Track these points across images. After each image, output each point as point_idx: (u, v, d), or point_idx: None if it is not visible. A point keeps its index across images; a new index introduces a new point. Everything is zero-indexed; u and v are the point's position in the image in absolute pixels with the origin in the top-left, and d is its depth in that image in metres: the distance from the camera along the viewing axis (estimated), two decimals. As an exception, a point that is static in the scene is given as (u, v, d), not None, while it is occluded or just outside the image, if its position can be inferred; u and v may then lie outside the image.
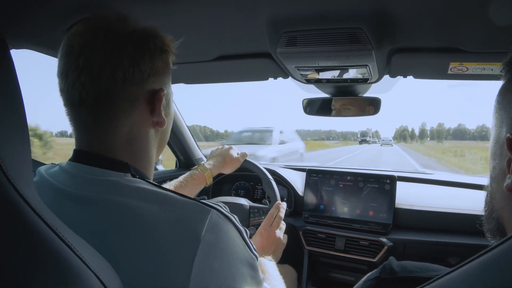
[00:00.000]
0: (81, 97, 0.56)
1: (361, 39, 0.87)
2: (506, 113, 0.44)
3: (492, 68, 0.99)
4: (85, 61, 0.55)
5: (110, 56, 0.56)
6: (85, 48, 0.56)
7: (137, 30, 0.60)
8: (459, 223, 1.36)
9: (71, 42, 0.57)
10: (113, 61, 0.56)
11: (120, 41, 0.57)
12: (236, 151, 1.32)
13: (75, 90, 0.56)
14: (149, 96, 0.61)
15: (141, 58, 0.58)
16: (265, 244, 1.07)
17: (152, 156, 0.66)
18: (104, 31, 0.57)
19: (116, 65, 0.56)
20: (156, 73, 0.61)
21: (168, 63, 0.65)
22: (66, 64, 0.57)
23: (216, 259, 0.52)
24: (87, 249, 0.45)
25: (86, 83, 0.55)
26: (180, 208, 0.54)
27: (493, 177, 0.47)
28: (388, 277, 0.51)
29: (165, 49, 0.63)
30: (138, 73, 0.58)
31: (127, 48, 0.57)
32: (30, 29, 0.89)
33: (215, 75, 1.41)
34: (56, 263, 0.40)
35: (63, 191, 0.56)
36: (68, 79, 0.56)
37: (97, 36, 0.56)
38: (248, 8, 0.83)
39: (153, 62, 0.60)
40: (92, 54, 0.55)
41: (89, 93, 0.55)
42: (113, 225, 0.52)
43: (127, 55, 0.57)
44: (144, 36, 0.60)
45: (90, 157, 0.58)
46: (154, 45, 0.61)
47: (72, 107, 0.58)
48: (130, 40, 0.58)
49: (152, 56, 0.60)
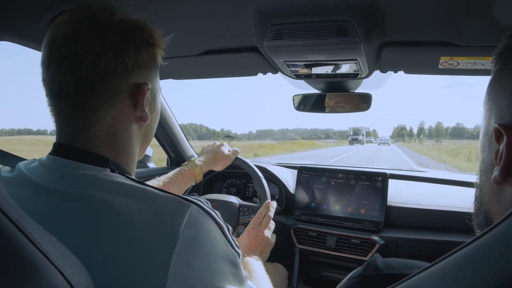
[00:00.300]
0: (62, 87, 0.55)
1: (349, 32, 0.85)
2: (495, 103, 0.43)
3: (483, 63, 0.98)
4: (67, 51, 0.54)
5: (93, 46, 0.54)
6: (68, 37, 0.55)
7: (123, 21, 0.59)
8: (451, 221, 1.35)
9: (55, 31, 0.56)
10: (95, 51, 0.54)
11: (104, 31, 0.56)
12: (228, 148, 1.31)
13: (56, 80, 0.55)
14: (132, 90, 0.59)
15: (126, 50, 0.57)
16: (252, 244, 1.05)
17: (135, 152, 0.65)
18: (89, 21, 0.56)
19: (99, 56, 0.55)
20: (141, 66, 0.60)
21: (154, 57, 0.64)
22: (49, 54, 0.56)
23: (195, 256, 0.50)
24: (55, 246, 0.44)
25: (67, 73, 0.54)
26: (159, 204, 0.53)
27: (482, 170, 0.46)
28: (372, 274, 0.51)
29: (152, 43, 0.62)
30: (121, 65, 0.56)
31: (111, 39, 0.56)
32: (11, 19, 0.87)
33: (203, 70, 1.39)
34: (17, 259, 0.39)
35: (40, 185, 0.54)
36: (50, 68, 0.55)
37: (82, 26, 0.55)
38: (235, 1, 0.81)
39: (138, 54, 0.59)
40: (75, 44, 0.54)
41: (70, 83, 0.54)
42: (89, 220, 0.51)
43: (110, 46, 0.55)
44: (130, 27, 0.59)
45: (69, 150, 0.57)
46: (140, 38, 0.60)
47: (53, 97, 0.57)
48: (115, 31, 0.57)
49: (138, 49, 0.59)
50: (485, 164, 0.44)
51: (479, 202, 0.47)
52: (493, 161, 0.41)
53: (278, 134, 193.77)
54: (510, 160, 0.38)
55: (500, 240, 0.25)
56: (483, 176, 0.45)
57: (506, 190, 0.39)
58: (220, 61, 1.21)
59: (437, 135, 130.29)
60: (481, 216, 0.47)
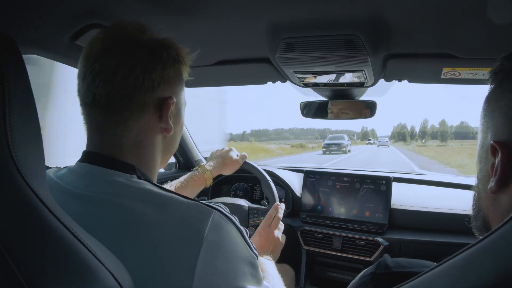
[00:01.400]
0: (95, 98, 0.60)
1: (357, 46, 0.90)
2: (491, 121, 0.47)
3: (484, 73, 1.02)
4: (100, 66, 0.59)
5: (125, 62, 0.59)
6: (102, 54, 0.60)
7: (152, 40, 0.63)
8: (453, 223, 1.40)
9: (91, 47, 0.61)
10: (126, 67, 0.59)
11: (135, 49, 0.61)
12: (236, 153, 1.34)
13: (89, 91, 0.60)
14: (158, 103, 0.64)
15: (153, 67, 0.62)
16: (264, 244, 1.09)
17: (157, 161, 0.68)
18: (122, 39, 0.61)
19: (129, 71, 0.59)
20: (167, 81, 0.64)
21: (180, 73, 0.68)
22: (84, 67, 0.61)
23: (218, 258, 0.54)
24: (100, 248, 0.47)
25: (100, 85, 0.59)
26: (184, 209, 0.56)
27: (479, 178, 0.50)
28: (383, 272, 0.54)
29: (178, 60, 0.67)
30: (148, 80, 0.61)
31: (141, 56, 0.61)
32: (37, 34, 0.91)
33: (215, 79, 1.44)
34: (74, 262, 0.42)
35: (70, 192, 0.58)
36: (85, 81, 0.60)
37: (115, 44, 0.60)
38: (249, 16, 0.86)
39: (165, 71, 0.63)
40: (108, 60, 0.59)
41: (101, 94, 0.59)
42: (119, 225, 0.54)
43: (139, 63, 0.60)
44: (158, 46, 0.63)
45: (98, 157, 0.61)
46: (167, 55, 0.64)
47: (86, 107, 0.62)
48: (144, 49, 0.61)
49: (164, 66, 0.63)
50: (482, 173, 0.49)
51: (477, 207, 0.51)
52: (489, 172, 0.45)
53: (273, 134, 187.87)
54: (504, 173, 0.42)
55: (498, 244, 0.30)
56: (481, 185, 0.49)
57: (501, 198, 0.44)
58: (231, 71, 1.26)
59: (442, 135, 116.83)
60: (479, 220, 0.51)
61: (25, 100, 0.44)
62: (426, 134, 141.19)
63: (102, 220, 0.55)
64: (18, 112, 0.42)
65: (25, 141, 0.43)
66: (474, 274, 0.30)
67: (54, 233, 0.42)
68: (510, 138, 0.43)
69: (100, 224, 0.54)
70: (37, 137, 0.45)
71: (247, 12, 0.84)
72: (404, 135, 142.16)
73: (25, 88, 0.44)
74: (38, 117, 0.46)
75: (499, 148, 0.43)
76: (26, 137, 0.43)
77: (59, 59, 1.03)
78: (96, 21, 0.89)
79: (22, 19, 0.81)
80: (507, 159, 0.42)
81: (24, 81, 0.44)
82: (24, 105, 0.44)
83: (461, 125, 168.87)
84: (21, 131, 0.42)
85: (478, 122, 0.51)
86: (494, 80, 0.48)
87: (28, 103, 0.45)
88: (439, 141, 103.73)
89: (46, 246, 0.41)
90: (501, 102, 0.45)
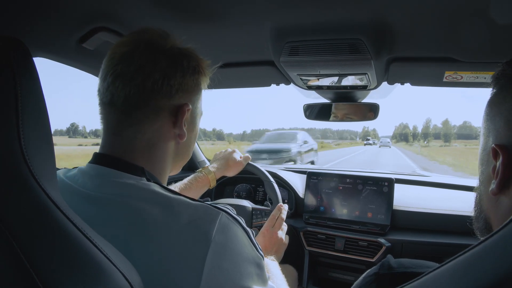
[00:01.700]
0: (113, 98, 0.62)
1: (360, 49, 0.92)
2: (492, 125, 0.48)
3: (485, 77, 1.04)
4: (122, 68, 0.61)
5: (144, 66, 0.61)
6: (124, 57, 0.62)
7: (174, 48, 0.65)
8: (454, 224, 1.41)
9: (115, 50, 0.63)
10: (145, 71, 0.61)
11: (156, 55, 0.62)
12: (239, 155, 1.35)
13: (108, 92, 0.62)
14: (173, 109, 0.65)
15: (173, 74, 0.63)
16: (267, 245, 1.10)
17: (168, 166, 0.69)
18: (145, 44, 0.63)
19: (148, 76, 0.61)
20: (185, 90, 0.66)
21: (199, 84, 0.70)
22: (106, 68, 0.63)
23: (225, 259, 0.55)
24: (111, 249, 0.48)
25: (119, 86, 0.61)
26: (192, 211, 0.57)
27: (481, 180, 0.51)
28: (386, 272, 0.55)
29: (199, 70, 0.68)
30: (166, 86, 0.63)
31: (161, 62, 0.62)
32: (45, 37, 0.93)
33: (219, 81, 1.45)
34: (87, 263, 0.43)
35: (80, 192, 0.59)
36: (105, 82, 0.62)
37: (137, 48, 0.62)
38: (254, 20, 0.88)
39: (184, 79, 0.65)
40: (129, 63, 0.61)
41: (120, 95, 0.61)
42: (128, 226, 0.55)
43: (159, 69, 0.62)
44: (179, 54, 0.65)
45: (109, 159, 0.62)
46: (187, 64, 0.66)
47: (104, 106, 0.64)
48: (166, 56, 0.63)
49: (184, 74, 0.65)
50: (484, 176, 0.50)
51: (479, 209, 0.52)
52: (491, 174, 0.46)
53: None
54: (505, 176, 0.44)
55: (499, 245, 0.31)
56: (482, 186, 0.51)
57: (502, 200, 0.45)
58: (236, 73, 1.28)
59: (446, 135, 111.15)
60: (481, 221, 0.52)
61: (37, 103, 0.45)
62: (429, 135, 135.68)
63: (111, 221, 0.56)
64: (30, 114, 0.43)
65: (37, 143, 0.44)
66: (474, 275, 0.31)
67: (66, 234, 0.43)
68: (510, 142, 0.44)
69: (109, 224, 0.55)
70: (48, 139, 0.46)
71: (252, 16, 0.86)
72: (406, 135, 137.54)
73: (37, 92, 0.45)
74: (49, 119, 0.47)
75: (500, 151, 0.44)
76: (38, 140, 0.44)
77: (66, 62, 1.05)
78: (103, 24, 0.91)
79: (30, 22, 0.83)
80: (507, 162, 0.43)
81: (36, 85, 0.45)
82: (36, 107, 0.45)
83: (464, 125, 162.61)
84: (33, 134, 0.43)
85: (480, 124, 0.52)
86: (496, 84, 0.49)
87: (40, 105, 0.45)
88: (442, 141, 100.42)
89: (59, 247, 0.42)
90: (503, 106, 0.46)
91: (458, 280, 0.33)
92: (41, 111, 0.46)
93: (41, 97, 0.46)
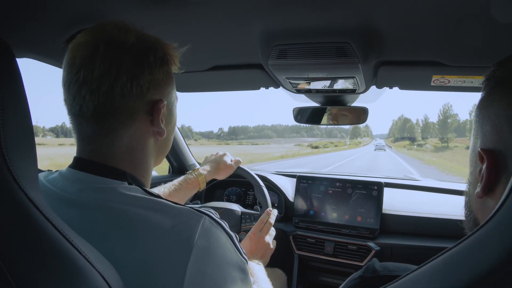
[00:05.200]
0: (82, 109, 0.57)
1: (348, 53, 0.92)
2: (480, 128, 0.48)
3: (472, 81, 1.05)
4: (85, 76, 0.56)
5: (109, 70, 0.56)
6: (86, 61, 0.57)
7: (137, 43, 0.60)
8: (444, 228, 1.42)
9: (73, 54, 0.58)
10: (111, 75, 0.57)
11: (119, 55, 0.58)
12: (230, 158, 1.35)
13: (76, 103, 0.58)
14: (148, 108, 0.62)
15: (141, 72, 0.59)
16: (253, 249, 1.09)
17: (150, 165, 0.68)
18: (104, 45, 0.57)
19: (115, 80, 0.57)
20: (157, 85, 0.62)
21: (169, 73, 0.66)
22: (68, 76, 0.58)
23: (208, 264, 0.54)
24: (90, 250, 0.48)
25: (86, 97, 0.56)
26: (174, 215, 0.56)
27: (470, 181, 0.51)
28: (371, 276, 0.55)
29: (167, 60, 0.64)
30: (136, 87, 0.59)
31: (126, 62, 0.58)
32: (31, 38, 0.92)
33: (209, 84, 1.45)
34: (65, 264, 0.42)
35: (60, 196, 0.57)
36: (70, 91, 0.58)
37: (98, 50, 0.57)
38: (242, 22, 0.87)
39: (153, 75, 0.61)
40: (92, 68, 0.56)
41: (88, 106, 0.57)
42: (109, 230, 0.54)
43: (125, 70, 0.57)
44: (144, 49, 0.60)
45: (89, 165, 0.60)
46: (154, 58, 0.61)
47: (74, 117, 0.60)
48: (130, 54, 0.58)
49: (152, 70, 0.61)
50: (472, 177, 0.50)
51: (468, 209, 0.52)
52: (477, 177, 0.46)
53: (253, 131, 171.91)
54: (490, 180, 0.44)
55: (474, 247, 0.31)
56: (471, 187, 0.51)
57: (488, 202, 0.45)
58: (225, 76, 1.27)
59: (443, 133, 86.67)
60: (470, 222, 0.52)
61: (19, 104, 0.44)
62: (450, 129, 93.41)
63: (93, 224, 0.54)
64: (11, 116, 0.42)
65: (18, 145, 0.43)
66: (451, 275, 0.31)
67: (46, 236, 0.42)
68: (496, 147, 0.44)
69: (90, 227, 0.54)
70: (30, 140, 0.45)
71: (240, 19, 0.85)
72: (410, 132, 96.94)
73: (18, 92, 0.44)
74: (31, 121, 0.46)
75: (485, 156, 0.44)
76: (19, 141, 0.43)
77: (53, 63, 1.04)
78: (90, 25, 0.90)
79: (17, 23, 0.82)
80: (492, 167, 0.43)
81: (18, 85, 0.44)
82: (18, 108, 0.44)
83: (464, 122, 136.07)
84: (14, 135, 0.42)
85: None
86: (486, 87, 0.48)
87: (22, 106, 0.44)
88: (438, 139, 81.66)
89: (38, 249, 0.41)
90: (490, 110, 0.46)
91: (436, 281, 0.33)
92: (23, 112, 0.45)
93: (23, 98, 0.45)
